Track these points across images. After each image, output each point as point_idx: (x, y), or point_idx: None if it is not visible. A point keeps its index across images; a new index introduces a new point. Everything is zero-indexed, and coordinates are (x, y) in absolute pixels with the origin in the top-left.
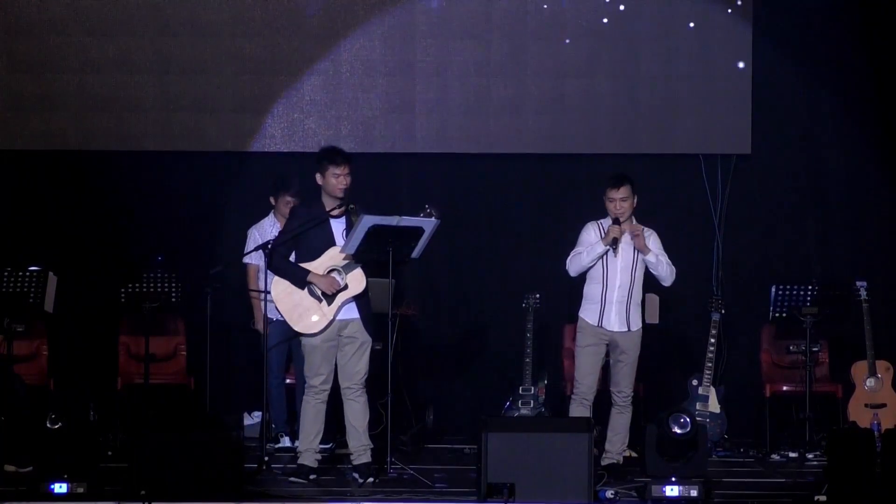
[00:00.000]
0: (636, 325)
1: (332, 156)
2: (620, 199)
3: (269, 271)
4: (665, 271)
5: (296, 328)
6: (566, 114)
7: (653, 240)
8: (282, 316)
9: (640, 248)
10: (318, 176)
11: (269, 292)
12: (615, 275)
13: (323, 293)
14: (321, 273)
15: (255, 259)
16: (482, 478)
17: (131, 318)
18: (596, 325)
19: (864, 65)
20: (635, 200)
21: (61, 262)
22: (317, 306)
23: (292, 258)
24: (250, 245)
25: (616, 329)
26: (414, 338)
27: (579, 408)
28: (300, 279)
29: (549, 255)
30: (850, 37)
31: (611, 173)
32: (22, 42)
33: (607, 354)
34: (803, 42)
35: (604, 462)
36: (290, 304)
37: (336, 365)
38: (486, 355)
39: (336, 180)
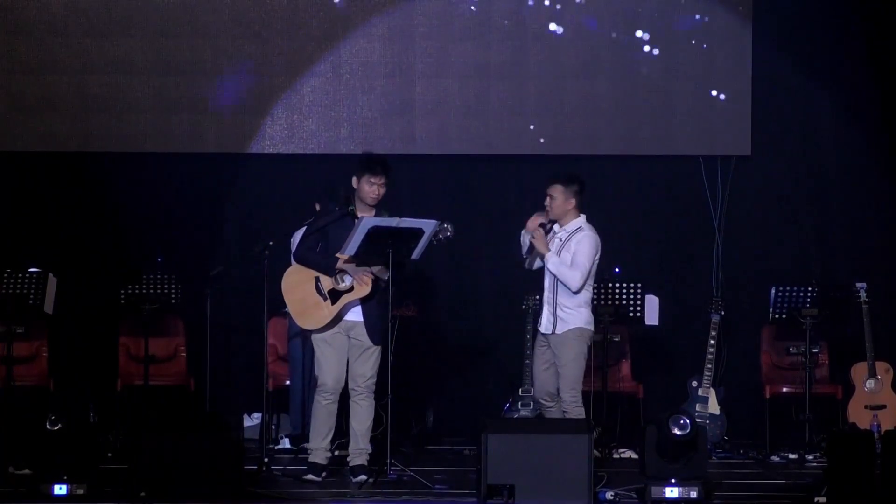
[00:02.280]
0: (562, 328)
1: (371, 165)
2: (549, 198)
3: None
4: (564, 277)
5: (298, 322)
6: (566, 115)
7: (574, 242)
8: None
9: (539, 250)
10: (354, 179)
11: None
12: (544, 277)
13: (329, 292)
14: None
15: None
16: (482, 479)
17: (131, 319)
18: (537, 326)
19: (864, 66)
20: (571, 201)
21: (61, 264)
22: (320, 304)
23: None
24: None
25: (544, 331)
26: (414, 339)
27: (544, 411)
28: (328, 267)
29: None
30: (850, 38)
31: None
32: (22, 43)
33: None
34: (803, 43)
35: None
36: (295, 298)
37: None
38: (485, 357)
39: (369, 188)
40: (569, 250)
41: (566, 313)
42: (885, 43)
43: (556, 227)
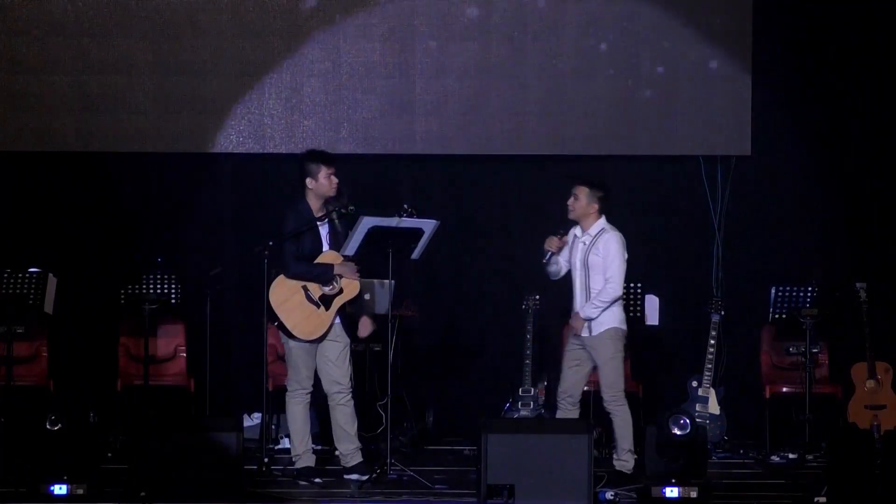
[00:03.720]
0: (597, 329)
1: (322, 157)
2: (573, 197)
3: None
4: (608, 300)
5: (298, 334)
6: (566, 115)
7: (601, 244)
8: (275, 322)
9: (576, 329)
10: (308, 180)
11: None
12: (574, 281)
13: (320, 298)
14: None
15: None
16: (482, 479)
17: (131, 319)
18: (572, 330)
19: (864, 65)
20: (594, 205)
21: (61, 264)
22: (315, 312)
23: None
24: None
25: (580, 333)
26: (413, 339)
27: (561, 407)
28: (326, 274)
29: None
30: (849, 38)
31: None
32: (21, 43)
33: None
34: (803, 43)
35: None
36: (288, 310)
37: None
38: (485, 357)
39: (328, 181)
40: (597, 252)
41: (599, 315)
42: (885, 41)
43: (577, 231)
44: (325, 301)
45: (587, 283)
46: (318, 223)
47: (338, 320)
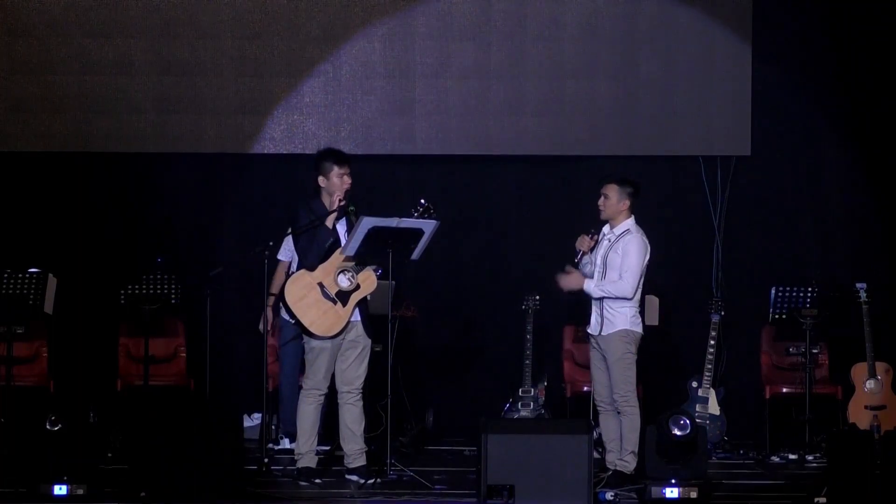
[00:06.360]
0: (608, 329)
1: (336, 156)
2: (603, 197)
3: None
4: (615, 294)
5: (315, 331)
6: (565, 115)
7: (621, 245)
8: (293, 320)
9: (575, 285)
10: (320, 178)
11: (273, 294)
12: (594, 277)
13: (337, 294)
14: (332, 274)
15: (285, 256)
16: (482, 479)
17: (131, 319)
18: (587, 327)
19: (863, 67)
20: (626, 202)
21: (61, 264)
22: (332, 308)
23: (295, 262)
24: (284, 243)
25: (591, 331)
26: (413, 339)
27: (600, 410)
28: (325, 239)
29: (549, 256)
30: (849, 39)
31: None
32: (22, 44)
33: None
34: (803, 44)
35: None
36: (304, 307)
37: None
38: (485, 357)
39: (340, 180)
40: (617, 251)
41: (611, 314)
42: (884, 41)
43: (605, 228)
44: (342, 297)
45: (601, 278)
46: (336, 220)
47: (357, 318)
